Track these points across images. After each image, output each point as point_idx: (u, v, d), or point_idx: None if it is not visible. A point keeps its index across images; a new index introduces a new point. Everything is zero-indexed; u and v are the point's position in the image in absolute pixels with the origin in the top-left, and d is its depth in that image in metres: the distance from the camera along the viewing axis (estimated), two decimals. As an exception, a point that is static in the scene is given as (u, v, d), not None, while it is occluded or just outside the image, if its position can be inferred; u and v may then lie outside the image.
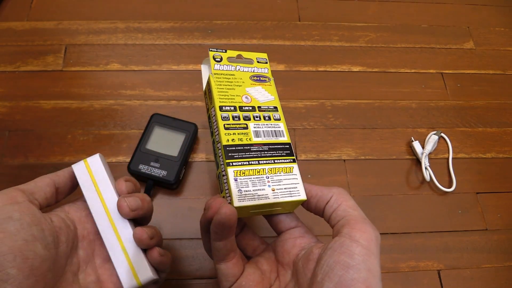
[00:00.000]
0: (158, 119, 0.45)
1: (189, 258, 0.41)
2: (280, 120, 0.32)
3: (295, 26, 0.57)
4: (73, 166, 0.29)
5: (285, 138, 0.31)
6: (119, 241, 0.28)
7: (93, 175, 0.28)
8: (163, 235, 0.42)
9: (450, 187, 0.47)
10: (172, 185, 0.42)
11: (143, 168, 0.42)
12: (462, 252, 0.44)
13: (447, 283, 0.42)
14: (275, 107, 0.32)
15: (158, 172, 0.42)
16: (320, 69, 0.54)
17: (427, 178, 0.47)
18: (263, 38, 0.55)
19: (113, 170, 0.44)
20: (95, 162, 0.29)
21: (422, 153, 0.48)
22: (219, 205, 0.25)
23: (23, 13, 0.53)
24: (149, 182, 0.42)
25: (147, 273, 0.27)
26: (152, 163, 0.42)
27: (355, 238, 0.23)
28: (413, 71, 0.55)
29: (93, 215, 0.28)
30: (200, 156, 0.46)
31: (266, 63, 0.35)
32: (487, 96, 0.54)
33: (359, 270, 0.22)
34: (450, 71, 0.56)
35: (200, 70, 0.51)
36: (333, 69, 0.54)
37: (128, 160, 0.45)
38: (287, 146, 0.31)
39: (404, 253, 0.43)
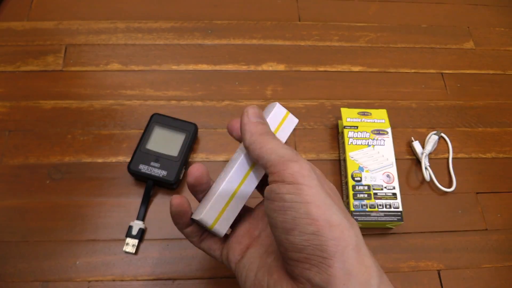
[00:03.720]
0: (158, 119, 0.45)
1: (189, 258, 0.41)
2: None
3: (295, 26, 0.57)
4: (277, 104, 0.28)
5: None
6: (235, 191, 0.27)
7: (281, 124, 0.28)
8: (164, 236, 0.42)
9: (450, 187, 0.47)
10: (172, 185, 0.42)
11: (143, 168, 0.42)
12: (462, 252, 0.44)
13: (447, 283, 0.42)
14: None
15: (158, 172, 0.42)
16: (320, 69, 0.54)
17: (427, 178, 0.47)
18: (263, 38, 0.55)
19: (113, 170, 0.45)
20: (291, 121, 0.28)
21: (422, 153, 0.48)
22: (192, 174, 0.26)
23: (23, 13, 0.53)
24: (149, 182, 0.42)
25: (224, 228, 0.27)
26: (152, 163, 0.42)
27: (280, 179, 0.22)
28: (413, 71, 0.55)
29: (239, 152, 0.27)
30: (200, 156, 0.46)
31: None
32: (487, 96, 0.54)
33: (294, 208, 0.21)
34: (450, 71, 0.56)
35: (200, 70, 0.51)
36: (333, 69, 0.54)
37: (128, 160, 0.45)
38: None
39: (404, 253, 0.43)
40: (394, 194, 0.43)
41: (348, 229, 0.21)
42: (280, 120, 0.28)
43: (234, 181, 0.27)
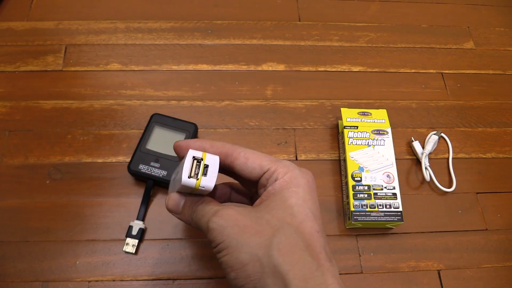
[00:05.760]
0: (158, 119, 0.45)
1: (189, 258, 0.41)
2: None
3: (295, 26, 0.57)
4: (190, 151, 0.26)
5: None
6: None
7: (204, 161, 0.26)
8: (164, 236, 0.42)
9: (450, 187, 0.47)
10: (172, 185, 0.42)
11: (143, 168, 0.42)
12: (462, 252, 0.44)
13: (447, 283, 0.42)
14: None
15: (158, 172, 0.42)
16: (320, 69, 0.54)
17: (427, 178, 0.47)
18: (263, 38, 0.55)
19: (113, 170, 0.45)
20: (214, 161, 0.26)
21: (422, 153, 0.48)
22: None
23: (23, 13, 0.53)
24: (149, 182, 0.42)
25: (211, 181, 0.25)
26: (152, 163, 0.42)
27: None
28: (413, 71, 0.55)
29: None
30: (200, 156, 0.46)
31: None
32: (487, 96, 0.54)
33: (224, 257, 0.24)
34: (450, 71, 0.56)
35: (200, 70, 0.51)
36: (333, 69, 0.54)
37: (128, 160, 0.45)
38: None
39: (404, 253, 0.43)
40: (394, 194, 0.43)
41: (260, 259, 0.23)
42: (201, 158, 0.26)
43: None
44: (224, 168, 0.28)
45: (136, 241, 0.40)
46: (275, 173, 0.26)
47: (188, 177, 0.25)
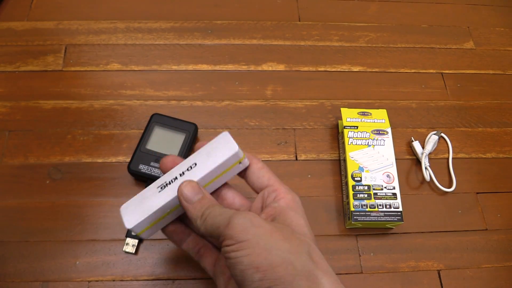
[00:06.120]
0: (158, 119, 0.45)
1: (189, 258, 0.41)
2: None
3: (295, 26, 0.57)
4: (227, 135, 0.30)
5: None
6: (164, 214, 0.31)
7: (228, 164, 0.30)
8: (164, 236, 0.42)
9: (450, 187, 0.47)
10: (172, 185, 0.42)
11: (143, 168, 0.42)
12: (462, 252, 0.44)
13: (447, 283, 0.42)
14: None
15: (158, 172, 0.42)
16: (320, 69, 0.54)
17: (427, 178, 0.47)
18: (263, 38, 0.55)
19: (113, 170, 0.45)
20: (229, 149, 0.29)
21: (422, 153, 0.48)
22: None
23: (23, 13, 0.53)
24: (149, 182, 0.42)
25: (149, 235, 0.30)
26: (152, 163, 0.42)
27: (225, 244, 0.26)
28: (413, 71, 0.55)
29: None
30: (200, 156, 0.46)
31: None
32: (487, 96, 0.54)
33: (239, 262, 0.24)
34: (450, 71, 0.56)
35: (200, 70, 0.51)
36: (333, 69, 0.54)
37: (128, 160, 0.45)
38: None
39: (404, 253, 0.43)
40: (394, 194, 0.43)
41: (292, 263, 0.24)
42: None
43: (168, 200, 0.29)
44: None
45: (136, 241, 0.40)
46: (277, 191, 0.29)
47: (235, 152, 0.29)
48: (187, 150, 0.44)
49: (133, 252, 0.40)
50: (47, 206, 0.42)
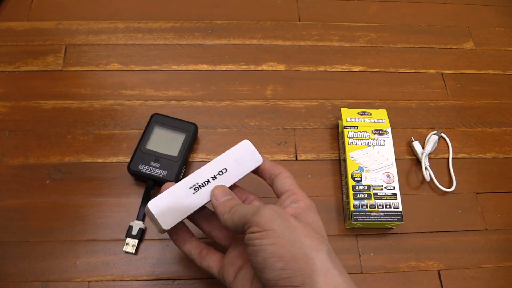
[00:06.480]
0: (158, 119, 0.45)
1: (189, 258, 0.41)
2: None
3: (295, 26, 0.57)
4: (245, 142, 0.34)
5: None
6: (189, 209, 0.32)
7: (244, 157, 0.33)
8: (164, 236, 0.42)
9: (450, 187, 0.47)
10: (172, 185, 0.42)
11: (143, 168, 0.42)
12: (462, 252, 0.44)
13: (447, 283, 0.42)
14: None
15: (158, 172, 0.42)
16: (320, 69, 0.54)
17: (427, 178, 0.47)
18: (263, 38, 0.55)
19: (113, 170, 0.45)
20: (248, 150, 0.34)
21: (422, 153, 0.48)
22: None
23: (23, 13, 0.53)
24: (149, 182, 0.42)
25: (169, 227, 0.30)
26: (152, 163, 0.42)
27: (251, 230, 0.27)
28: (413, 71, 0.55)
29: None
30: (200, 156, 0.46)
31: None
32: (487, 96, 0.54)
33: (263, 250, 0.26)
34: (450, 71, 0.56)
35: (200, 70, 0.51)
36: (333, 69, 0.54)
37: (128, 160, 0.45)
38: None
39: (404, 253, 0.43)
40: (394, 194, 0.43)
41: (313, 258, 0.25)
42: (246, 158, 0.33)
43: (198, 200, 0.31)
44: (265, 178, 0.35)
45: (136, 241, 0.40)
46: (297, 195, 0.31)
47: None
48: (187, 150, 0.44)
49: (133, 252, 0.40)
50: (47, 206, 0.42)
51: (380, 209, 0.42)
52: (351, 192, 0.43)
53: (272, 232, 0.25)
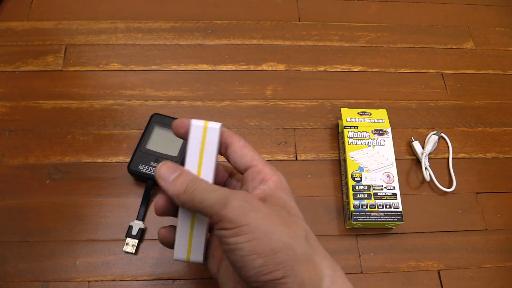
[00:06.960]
0: (158, 119, 0.45)
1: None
2: None
3: (295, 26, 0.57)
4: (193, 121, 0.27)
5: None
6: (193, 217, 0.28)
7: (204, 142, 0.27)
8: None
9: (450, 187, 0.47)
10: (172, 185, 0.42)
11: (143, 168, 0.42)
12: (462, 252, 0.44)
13: (447, 283, 0.42)
14: None
15: (158, 172, 0.42)
16: (320, 69, 0.54)
17: (427, 178, 0.47)
18: (263, 38, 0.55)
19: (113, 170, 0.45)
20: (214, 131, 0.27)
21: (422, 153, 0.48)
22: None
23: (23, 13, 0.53)
24: (149, 182, 0.42)
25: (199, 256, 0.28)
26: (152, 163, 0.42)
27: (222, 227, 0.24)
28: (413, 71, 0.55)
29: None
30: (200, 156, 0.46)
31: None
32: (487, 96, 0.54)
33: (240, 248, 0.23)
34: (450, 71, 0.56)
35: (200, 70, 0.51)
36: (333, 69, 0.54)
37: (128, 160, 0.45)
38: None
39: (404, 253, 0.43)
40: (394, 194, 0.43)
41: (293, 248, 0.23)
42: (201, 137, 0.27)
43: (186, 217, 0.28)
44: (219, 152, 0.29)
45: (136, 241, 0.40)
46: (263, 172, 0.28)
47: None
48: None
49: (133, 252, 0.40)
50: (47, 206, 0.42)
51: (380, 209, 0.42)
52: (351, 192, 0.43)
53: (246, 228, 0.23)
